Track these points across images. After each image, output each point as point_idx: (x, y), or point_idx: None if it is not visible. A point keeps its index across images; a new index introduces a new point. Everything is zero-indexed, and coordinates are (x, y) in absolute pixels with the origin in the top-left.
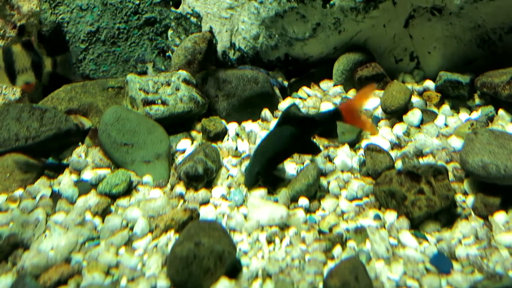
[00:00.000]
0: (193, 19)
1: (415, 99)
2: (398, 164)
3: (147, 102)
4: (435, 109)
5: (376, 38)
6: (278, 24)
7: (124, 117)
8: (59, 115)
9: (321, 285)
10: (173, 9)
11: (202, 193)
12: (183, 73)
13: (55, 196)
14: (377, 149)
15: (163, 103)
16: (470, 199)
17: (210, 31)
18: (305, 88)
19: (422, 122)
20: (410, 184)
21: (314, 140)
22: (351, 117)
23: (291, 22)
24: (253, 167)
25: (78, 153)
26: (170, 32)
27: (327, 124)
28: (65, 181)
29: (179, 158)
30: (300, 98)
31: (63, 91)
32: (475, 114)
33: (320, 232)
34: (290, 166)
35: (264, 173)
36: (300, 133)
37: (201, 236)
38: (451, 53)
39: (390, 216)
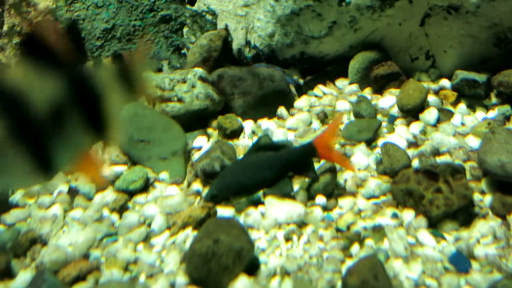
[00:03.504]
0: (209, 17)
1: (431, 97)
2: (415, 163)
3: (163, 100)
4: (451, 108)
5: (392, 37)
6: (294, 22)
7: (141, 114)
8: None
9: (339, 283)
10: (188, 6)
11: None
12: (199, 70)
13: (73, 192)
14: (394, 147)
15: (179, 100)
16: (487, 198)
17: (226, 28)
18: (320, 86)
19: (438, 121)
20: (427, 183)
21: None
22: (325, 151)
23: (306, 20)
24: (211, 190)
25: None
26: (185, 29)
27: (301, 159)
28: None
29: (195, 155)
30: (316, 96)
31: None
32: (492, 113)
33: (338, 230)
34: None
35: (222, 197)
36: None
37: (219, 233)
38: (467, 52)
39: (407, 214)
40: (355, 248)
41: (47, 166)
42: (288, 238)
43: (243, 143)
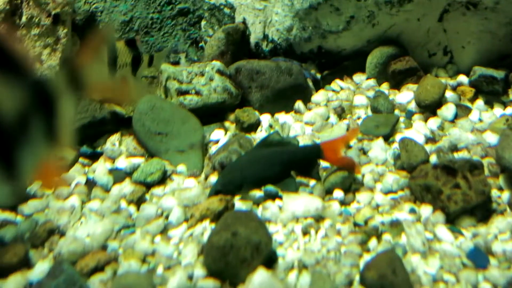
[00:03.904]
0: (227, 10)
1: (448, 93)
2: (433, 159)
3: (181, 92)
4: (469, 104)
5: (410, 32)
6: (312, 16)
7: (159, 106)
8: (94, 103)
9: (357, 277)
10: (206, 0)
11: None
12: (217, 63)
13: (90, 183)
14: (412, 143)
15: (197, 93)
16: (505, 195)
17: (244, 22)
18: (338, 80)
19: (456, 116)
20: (446, 179)
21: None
22: (332, 155)
23: (325, 14)
24: (216, 185)
25: (112, 142)
26: (203, 22)
27: (305, 159)
28: (100, 169)
29: (213, 148)
30: (333, 90)
31: None
32: (510, 110)
33: (356, 224)
34: None
35: (226, 192)
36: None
37: (237, 226)
38: (486, 48)
39: (425, 210)
40: (372, 242)
41: (12, 175)
42: (305, 232)
43: (260, 136)
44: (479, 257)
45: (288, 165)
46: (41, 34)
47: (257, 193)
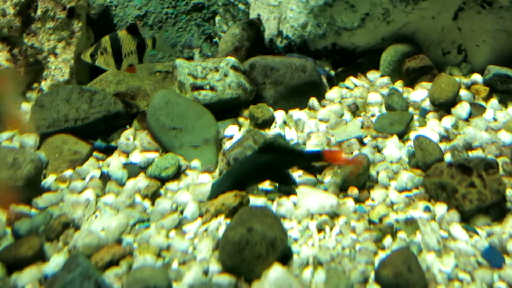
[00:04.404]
0: (241, 6)
1: (463, 92)
2: (447, 157)
3: (196, 87)
4: (483, 103)
5: (425, 30)
6: (327, 13)
7: (173, 101)
8: (108, 97)
9: (372, 274)
10: None
11: None
12: (232, 59)
13: (104, 177)
14: (427, 141)
15: (212, 88)
16: None
17: (258, 18)
18: (352, 78)
19: (470, 115)
20: (461, 177)
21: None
22: (334, 161)
23: (340, 11)
24: (220, 186)
25: (126, 136)
26: (217, 18)
27: (306, 162)
28: (114, 163)
29: (227, 144)
30: (347, 87)
31: (111, 74)
32: None
33: (370, 222)
34: None
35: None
36: (277, 163)
37: (253, 222)
38: (500, 47)
39: (440, 208)
40: (387, 240)
41: None
42: (320, 229)
43: (274, 133)
44: (494, 256)
45: (290, 166)
46: (55, 27)
47: None
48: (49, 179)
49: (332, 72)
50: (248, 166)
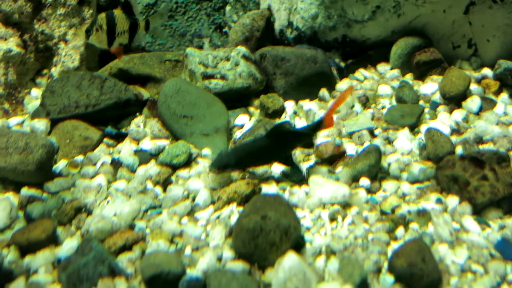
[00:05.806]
0: None
1: (473, 86)
2: (458, 150)
3: (206, 76)
4: (493, 97)
5: (435, 24)
6: (338, 5)
7: (184, 89)
8: (119, 84)
9: (385, 264)
10: None
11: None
12: (242, 49)
13: (116, 164)
14: (438, 133)
15: (222, 77)
16: None
17: (269, 8)
18: (362, 70)
19: (481, 109)
20: (473, 170)
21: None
22: (329, 121)
23: (350, 3)
24: (224, 157)
25: (137, 123)
26: (228, 8)
27: (312, 135)
28: (125, 150)
29: (237, 133)
30: (357, 80)
31: (122, 62)
32: None
33: (383, 212)
34: (349, 146)
35: (231, 167)
36: (282, 146)
37: (267, 209)
38: (510, 42)
39: (452, 200)
40: (400, 231)
41: None
42: (332, 218)
43: (283, 120)
44: (507, 249)
45: (297, 145)
46: (66, 14)
47: None
48: (60, 164)
49: (342, 64)
50: (254, 146)
